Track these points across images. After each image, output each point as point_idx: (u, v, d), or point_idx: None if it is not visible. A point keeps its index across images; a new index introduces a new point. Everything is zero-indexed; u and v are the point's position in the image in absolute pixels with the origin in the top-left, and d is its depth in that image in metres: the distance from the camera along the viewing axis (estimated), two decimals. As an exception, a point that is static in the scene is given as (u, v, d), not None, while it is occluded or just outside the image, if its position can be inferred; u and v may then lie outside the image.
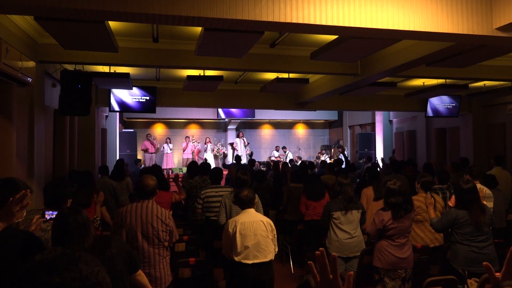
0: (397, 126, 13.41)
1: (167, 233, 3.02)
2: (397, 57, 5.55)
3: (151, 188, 3.04)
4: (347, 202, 4.07)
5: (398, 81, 8.45)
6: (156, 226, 2.96)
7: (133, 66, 6.91)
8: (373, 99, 10.23)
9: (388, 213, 3.47)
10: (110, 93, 9.05)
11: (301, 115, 15.44)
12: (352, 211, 4.07)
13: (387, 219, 3.46)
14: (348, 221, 4.04)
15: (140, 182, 3.07)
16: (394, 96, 10.30)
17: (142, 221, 2.95)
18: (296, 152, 15.70)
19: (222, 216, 4.13)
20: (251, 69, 6.73)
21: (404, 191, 3.46)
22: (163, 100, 9.42)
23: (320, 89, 8.52)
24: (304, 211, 5.29)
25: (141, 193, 3.04)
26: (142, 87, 9.08)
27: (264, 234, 3.26)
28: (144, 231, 2.94)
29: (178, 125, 15.33)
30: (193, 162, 7.07)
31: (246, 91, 9.71)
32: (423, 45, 5.01)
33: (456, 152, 10.93)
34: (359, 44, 4.54)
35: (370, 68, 6.35)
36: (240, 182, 4.19)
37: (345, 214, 4.04)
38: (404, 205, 3.44)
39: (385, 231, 3.49)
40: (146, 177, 3.09)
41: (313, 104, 10.28)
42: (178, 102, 9.70)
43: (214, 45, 4.62)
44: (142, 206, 3.00)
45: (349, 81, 7.14)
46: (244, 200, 3.36)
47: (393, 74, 6.64)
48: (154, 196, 3.08)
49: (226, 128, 15.46)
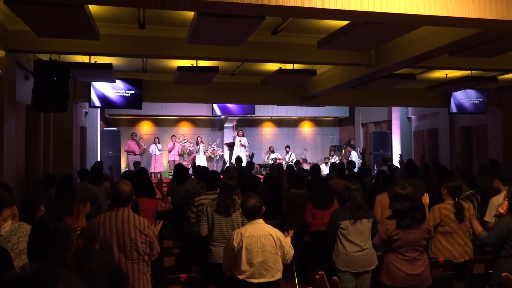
0: (417, 124, 13.42)
1: (147, 244, 3.00)
2: (416, 46, 5.56)
3: (126, 195, 3.03)
4: (356, 210, 4.06)
5: (417, 73, 8.45)
6: (134, 237, 2.95)
7: (117, 56, 6.90)
8: (389, 93, 10.23)
9: (393, 222, 3.47)
10: (90, 87, 9.05)
11: (307, 112, 15.44)
12: (362, 220, 4.06)
13: (391, 228, 3.46)
14: (358, 232, 4.04)
15: (113, 188, 3.07)
16: (413, 89, 10.30)
17: (118, 232, 2.94)
18: (301, 153, 15.70)
19: (203, 226, 4.12)
20: (251, 59, 6.73)
21: (413, 197, 3.46)
22: (150, 95, 9.42)
23: (329, 82, 8.52)
24: (310, 221, 5.28)
25: (115, 200, 3.04)
26: (126, 80, 9.08)
27: (273, 250, 3.26)
28: (120, 244, 2.93)
29: (168, 123, 15.34)
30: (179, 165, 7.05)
31: (244, 84, 9.70)
32: (446, 32, 5.02)
33: (483, 153, 10.93)
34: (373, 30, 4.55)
35: (386, 58, 6.35)
36: (225, 188, 4.17)
37: (353, 224, 4.03)
38: (411, 213, 3.44)
39: (391, 242, 3.49)
40: (120, 182, 3.10)
41: (321, 99, 10.28)
42: (168, 96, 9.70)
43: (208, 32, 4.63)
44: (117, 215, 2.99)
45: (362, 72, 7.14)
46: (251, 209, 3.35)
47: (411, 65, 6.64)
48: (129, 203, 3.08)
49: (222, 126, 15.47)
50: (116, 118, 14.70)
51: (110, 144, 12.26)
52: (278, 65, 7.58)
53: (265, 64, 8.15)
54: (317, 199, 5.29)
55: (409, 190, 3.48)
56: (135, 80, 9.10)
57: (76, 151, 9.44)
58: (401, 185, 3.54)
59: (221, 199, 4.11)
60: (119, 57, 7.32)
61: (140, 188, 4.57)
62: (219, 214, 4.08)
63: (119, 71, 8.68)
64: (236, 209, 4.09)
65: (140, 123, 15.05)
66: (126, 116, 14.55)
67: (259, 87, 9.18)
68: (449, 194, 4.14)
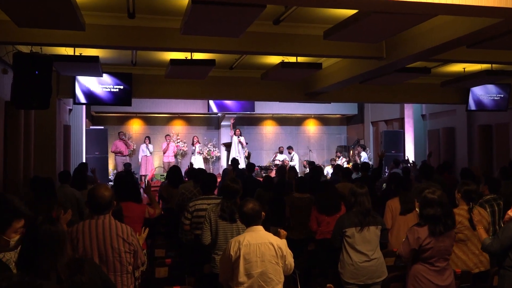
0: (432, 122, 13.42)
1: (131, 254, 3.00)
2: (431, 37, 5.55)
3: (106, 200, 3.03)
4: (363, 216, 4.05)
5: (432, 67, 8.45)
6: (117, 247, 2.94)
7: (104, 48, 6.89)
8: (402, 89, 10.22)
9: (425, 229, 3.46)
10: (75, 82, 9.02)
11: (312, 109, 15.45)
12: (369, 228, 4.05)
13: (423, 236, 3.45)
14: (365, 240, 4.03)
15: (91, 193, 3.07)
16: (428, 85, 10.28)
17: (99, 242, 2.93)
18: (305, 154, 15.70)
19: (206, 234, 4.09)
20: (250, 51, 6.71)
21: (444, 202, 3.47)
22: (140, 90, 9.41)
23: (336, 76, 8.51)
24: (315, 228, 5.28)
25: (94, 207, 3.04)
26: (114, 74, 9.07)
27: (273, 260, 3.23)
28: (102, 255, 2.92)
29: (160, 121, 15.35)
30: (174, 167, 7.04)
31: (243, 78, 9.70)
32: (464, 22, 5.01)
33: (505, 154, 10.92)
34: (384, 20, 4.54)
35: (398, 50, 6.35)
36: (229, 192, 4.15)
37: (360, 231, 4.02)
38: (444, 219, 3.44)
39: (421, 252, 3.47)
40: (99, 187, 3.10)
41: (327, 95, 10.27)
42: (160, 92, 9.69)
43: (204, 21, 4.62)
44: (98, 223, 2.99)
45: (372, 66, 7.13)
46: (249, 214, 3.32)
47: (426, 58, 6.63)
48: (110, 209, 3.09)
49: (219, 124, 15.48)
50: (103, 115, 14.70)
51: (97, 144, 12.25)
52: (280, 58, 7.57)
53: (266, 57, 8.13)
54: (323, 204, 5.28)
55: (439, 193, 3.49)
56: (124, 74, 9.09)
57: (60, 151, 9.44)
58: (430, 189, 3.53)
59: (226, 204, 4.08)
60: (107, 49, 7.31)
61: (123, 192, 4.52)
62: (224, 220, 4.05)
63: (106, 65, 8.66)
64: None
65: (130, 121, 15.05)
66: (114, 113, 14.55)
67: (259, 82, 9.17)
68: (464, 198, 4.13)
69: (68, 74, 8.37)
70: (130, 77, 9.10)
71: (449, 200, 3.75)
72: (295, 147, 15.82)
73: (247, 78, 9.66)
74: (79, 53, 7.19)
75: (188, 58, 7.31)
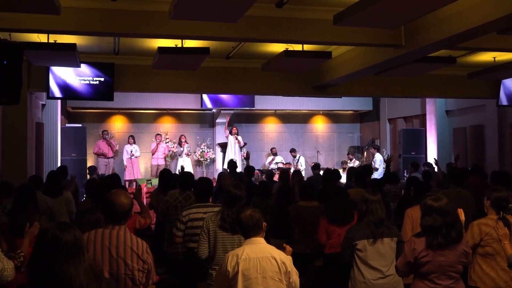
0: (457, 119, 13.41)
1: (144, 273, 3.03)
2: (457, 22, 5.55)
3: (125, 209, 3.06)
4: (376, 227, 4.05)
5: (458, 56, 8.46)
6: (131, 264, 2.97)
7: (82, 34, 6.90)
8: (423, 82, 10.22)
9: (422, 240, 3.48)
10: (49, 73, 9.04)
11: (321, 104, 15.42)
12: (383, 240, 4.04)
13: (419, 248, 3.46)
14: (378, 254, 4.02)
15: (109, 200, 3.09)
16: (453, 76, 10.29)
17: (112, 256, 2.95)
18: (313, 157, 15.70)
19: (203, 246, 4.10)
20: (249, 38, 6.71)
21: (448, 211, 3.46)
22: (124, 83, 9.42)
23: (348, 67, 8.52)
24: (325, 241, 5.28)
25: (111, 215, 3.06)
26: (94, 64, 9.07)
27: (276, 277, 3.22)
28: (113, 270, 2.94)
29: (146, 118, 15.35)
30: (165, 170, 7.05)
31: (242, 69, 9.70)
32: (494, 4, 5.01)
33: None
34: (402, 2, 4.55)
35: (419, 37, 6.35)
36: (231, 199, 4.15)
37: (373, 244, 4.02)
38: (446, 229, 3.44)
39: (418, 266, 3.48)
40: (118, 193, 3.12)
41: (338, 88, 10.27)
42: (146, 85, 9.69)
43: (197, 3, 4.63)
44: (112, 235, 3.01)
45: (389, 55, 7.14)
46: (247, 223, 3.31)
47: (451, 46, 6.63)
48: (127, 220, 3.11)
49: (213, 122, 15.48)
50: (81, 112, 14.70)
51: (74, 144, 12.24)
52: (283, 45, 7.57)
53: (268, 45, 8.14)
54: (334, 213, 5.27)
55: (444, 202, 3.48)
56: (105, 64, 9.08)
57: (31, 152, 9.44)
58: (433, 196, 3.54)
59: (227, 212, 4.08)
60: (85, 36, 7.32)
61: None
62: (224, 231, 4.04)
63: (84, 53, 8.67)
64: None
65: (111, 119, 15.05)
66: (94, 109, 14.56)
67: (260, 74, 9.17)
68: (493, 206, 4.09)
69: (41, 64, 8.37)
70: (112, 67, 9.10)
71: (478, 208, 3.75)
72: (301, 148, 15.80)
73: (246, 69, 9.67)
74: (54, 41, 7.19)
75: (178, 46, 7.30)
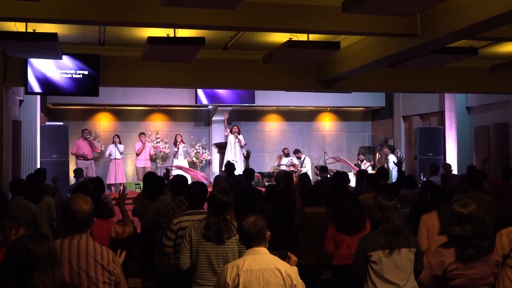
0: (479, 117, 13.39)
1: (112, 285, 3.02)
2: (479, 9, 5.55)
3: (85, 215, 3.06)
4: (393, 236, 4.05)
5: (480, 47, 8.45)
6: (95, 276, 2.95)
7: (64, 23, 6.89)
8: (441, 75, 10.22)
9: (451, 252, 3.48)
10: (27, 66, 9.03)
11: (328, 100, 15.43)
12: (400, 250, 4.04)
13: (448, 261, 3.46)
14: (395, 266, 4.02)
15: (67, 206, 3.09)
16: (474, 69, 10.28)
17: (72, 268, 2.94)
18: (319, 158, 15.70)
19: (185, 256, 4.11)
20: (249, 27, 6.71)
21: (478, 218, 3.46)
22: (110, 76, 9.41)
23: (358, 59, 8.52)
24: (333, 251, 5.29)
25: (70, 223, 3.06)
26: (77, 56, 9.06)
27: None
28: (74, 284, 2.93)
29: (134, 116, 15.34)
30: (150, 173, 7.04)
31: (241, 62, 9.70)
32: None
33: None
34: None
35: (436, 25, 6.35)
36: (215, 205, 4.15)
37: (389, 255, 4.02)
38: (478, 239, 3.44)
39: (447, 279, 3.48)
40: (77, 199, 3.12)
41: (347, 83, 10.27)
42: (134, 79, 9.68)
43: (191, -11, 4.63)
44: (72, 245, 3.00)
45: (403, 46, 7.14)
46: (250, 232, 3.31)
47: (472, 36, 6.62)
48: (89, 227, 3.11)
49: (209, 120, 15.48)
50: (62, 108, 14.70)
51: (55, 144, 12.23)
52: (287, 35, 7.56)
53: (270, 34, 8.14)
54: (343, 220, 5.27)
55: (473, 208, 3.48)
56: (89, 56, 9.08)
57: (7, 153, 9.43)
58: (461, 201, 3.54)
59: (212, 220, 4.08)
60: (67, 25, 7.31)
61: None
62: (208, 241, 4.05)
63: (67, 44, 8.66)
64: (231, 235, 4.06)
65: (96, 116, 15.04)
66: (77, 106, 14.55)
67: (261, 66, 9.17)
68: None
69: (19, 56, 8.37)
70: (97, 59, 9.09)
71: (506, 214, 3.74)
72: (306, 148, 15.79)
73: (246, 62, 9.67)
74: (33, 30, 7.17)
75: (170, 35, 7.30)
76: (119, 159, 13.55)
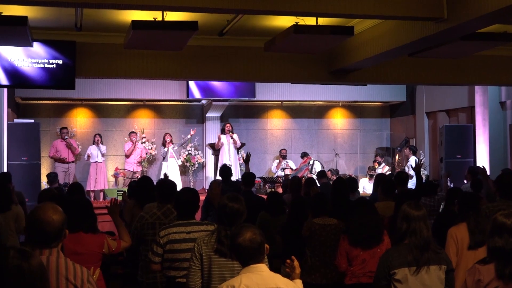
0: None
1: None
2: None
3: (55, 227, 3.04)
4: (420, 252, 4.05)
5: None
6: None
7: (35, 5, 6.90)
8: (471, 65, 10.23)
9: (490, 268, 3.47)
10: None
11: (340, 94, 15.46)
12: (429, 268, 4.06)
13: (487, 279, 3.46)
14: (423, 286, 4.04)
15: (33, 217, 3.07)
16: (508, 58, 10.30)
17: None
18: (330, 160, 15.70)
19: (195, 276, 4.11)
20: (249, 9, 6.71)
21: None
22: (88, 67, 9.42)
23: (374, 47, 8.53)
24: (345, 267, 5.29)
25: (37, 237, 3.04)
26: (50, 43, 9.07)
27: None
28: None
29: (117, 112, 15.36)
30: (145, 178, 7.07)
31: (239, 50, 9.72)
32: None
33: None
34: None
35: (465, 7, 6.35)
36: (229, 216, 4.16)
37: (416, 273, 4.03)
38: None
39: None
40: (45, 208, 3.09)
41: (362, 74, 10.29)
42: (116, 69, 9.69)
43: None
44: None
45: (427, 31, 7.14)
46: (247, 248, 3.32)
47: (505, 20, 6.63)
48: (60, 241, 3.10)
49: (203, 117, 15.51)
50: (33, 103, 14.73)
51: (24, 145, 12.25)
52: (292, 19, 7.59)
53: (273, 18, 8.16)
54: (357, 232, 5.28)
55: None
56: (64, 43, 9.09)
57: (-30, 156, 9.45)
58: (506, 211, 3.54)
59: (224, 232, 4.08)
60: (39, 7, 7.32)
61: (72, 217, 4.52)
62: (222, 257, 4.06)
63: (38, 29, 8.68)
64: None
65: (72, 112, 15.06)
66: (50, 100, 14.60)
67: (262, 55, 9.18)
68: None
69: (-17, 43, 8.39)
70: (74, 47, 9.11)
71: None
72: (314, 149, 15.81)
73: (245, 49, 9.70)
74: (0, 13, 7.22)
75: (158, 19, 7.31)
76: (100, 162, 13.54)
